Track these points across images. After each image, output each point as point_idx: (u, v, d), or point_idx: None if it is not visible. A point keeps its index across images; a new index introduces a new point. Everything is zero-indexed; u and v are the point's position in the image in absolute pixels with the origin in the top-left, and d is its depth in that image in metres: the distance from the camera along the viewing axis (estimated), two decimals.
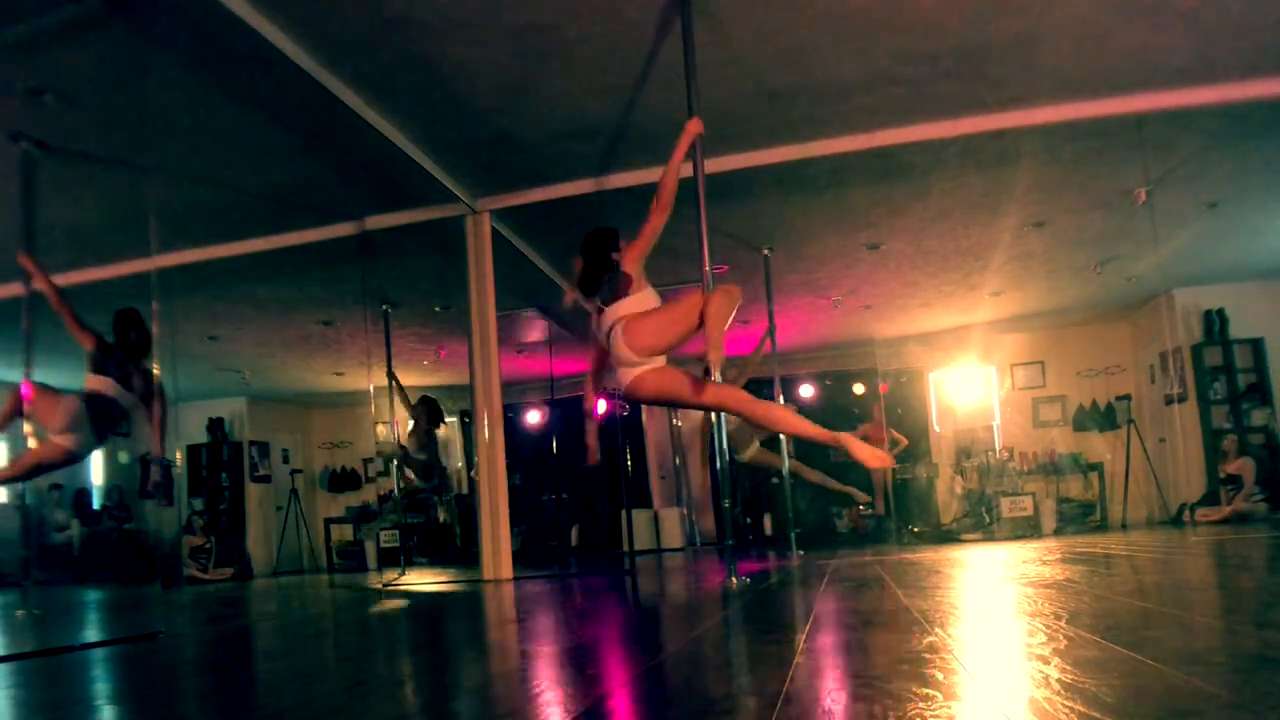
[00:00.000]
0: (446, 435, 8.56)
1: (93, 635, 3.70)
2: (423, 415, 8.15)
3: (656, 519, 10.60)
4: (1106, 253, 7.81)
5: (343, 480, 12.48)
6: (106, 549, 9.55)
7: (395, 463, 8.51)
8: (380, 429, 8.66)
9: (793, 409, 4.04)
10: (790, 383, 10.49)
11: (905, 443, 9.72)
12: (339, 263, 6.84)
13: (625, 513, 9.32)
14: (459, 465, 11.60)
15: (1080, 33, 4.45)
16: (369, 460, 12.15)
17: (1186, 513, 8.50)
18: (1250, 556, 4.10)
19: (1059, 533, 8.53)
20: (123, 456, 10.79)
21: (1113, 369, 10.33)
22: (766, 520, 10.97)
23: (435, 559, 10.59)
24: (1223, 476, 8.39)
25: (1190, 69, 4.87)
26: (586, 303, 3.58)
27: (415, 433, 8.15)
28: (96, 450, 4.53)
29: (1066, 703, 1.18)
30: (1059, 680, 1.33)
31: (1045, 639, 1.75)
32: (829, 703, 1.30)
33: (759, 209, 6.39)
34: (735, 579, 3.88)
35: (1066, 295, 9.19)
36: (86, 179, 5.19)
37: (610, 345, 3.43)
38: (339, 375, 10.46)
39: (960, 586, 3.35)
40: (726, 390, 3.50)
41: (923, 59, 4.60)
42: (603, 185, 5.78)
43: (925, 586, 3.27)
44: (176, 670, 2.48)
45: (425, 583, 6.31)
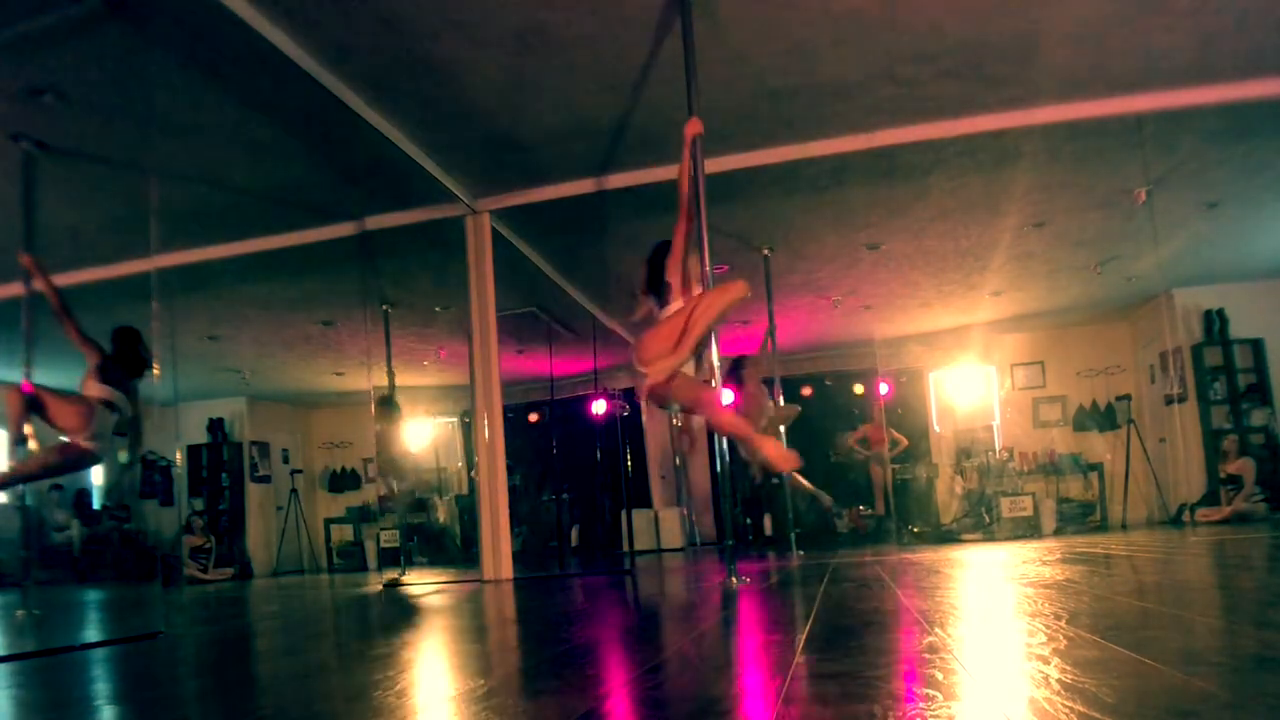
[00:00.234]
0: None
1: (93, 635, 3.70)
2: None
3: (656, 519, 10.60)
4: (1106, 253, 7.81)
5: (343, 480, 12.48)
6: (106, 549, 9.55)
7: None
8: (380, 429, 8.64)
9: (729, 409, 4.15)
10: (790, 383, 10.48)
11: (905, 443, 9.72)
12: (339, 263, 6.85)
13: (625, 513, 9.32)
14: (459, 465, 11.61)
15: (1080, 33, 4.46)
16: (369, 460, 12.14)
17: (1186, 513, 8.49)
18: (1250, 556, 4.10)
19: (1059, 533, 8.53)
20: (123, 457, 10.80)
21: (1113, 369, 10.33)
22: (766, 520, 10.96)
23: (435, 559, 10.60)
24: (1223, 476, 8.39)
25: (1190, 69, 4.87)
26: (656, 311, 3.75)
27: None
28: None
29: (1066, 703, 1.18)
30: (1059, 680, 1.33)
31: (1045, 639, 1.75)
32: (829, 703, 1.30)
33: (759, 209, 6.39)
34: (735, 579, 3.88)
35: (1066, 295, 9.19)
36: (86, 179, 5.19)
37: None
38: (339, 375, 10.46)
39: (960, 586, 3.35)
40: (692, 392, 3.61)
41: (923, 59, 4.60)
42: (603, 185, 5.78)
43: (925, 586, 3.27)
44: (176, 670, 2.48)
45: (425, 583, 6.31)
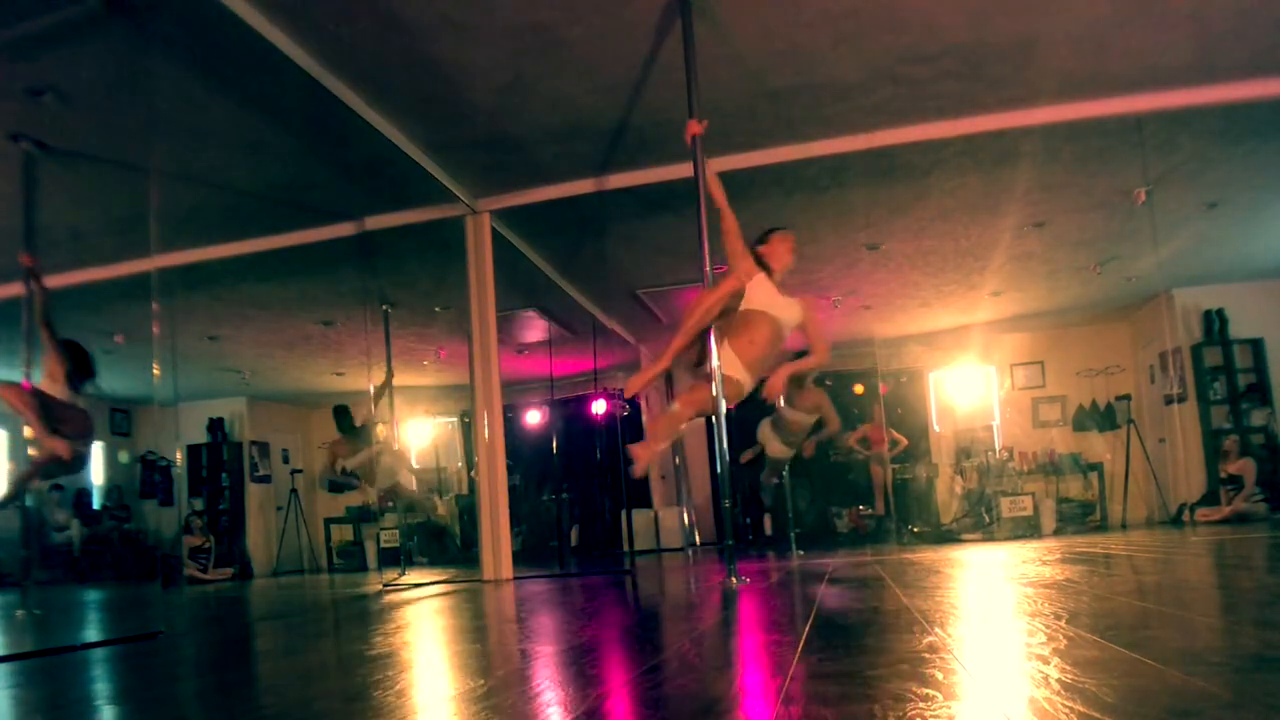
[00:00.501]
0: None
1: (93, 635, 3.70)
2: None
3: (656, 519, 10.60)
4: (1106, 253, 7.81)
5: (345, 480, 12.46)
6: (106, 549, 9.56)
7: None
8: (380, 429, 8.64)
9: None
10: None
11: (905, 443, 9.72)
12: (339, 263, 6.85)
13: (625, 513, 9.32)
14: (459, 465, 11.61)
15: (1080, 33, 4.46)
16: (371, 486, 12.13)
17: (1186, 513, 8.50)
18: (1250, 556, 4.10)
19: (1059, 533, 8.53)
20: (123, 457, 10.80)
21: (1112, 369, 10.33)
22: (766, 520, 10.97)
23: (435, 559, 10.60)
24: (1223, 476, 8.39)
25: (1190, 69, 4.87)
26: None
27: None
28: None
29: (1066, 703, 1.18)
30: (1059, 680, 1.33)
31: (1045, 639, 1.75)
32: (829, 703, 1.30)
33: (759, 209, 6.39)
34: (735, 579, 3.88)
35: (1066, 295, 9.19)
36: (86, 179, 5.19)
37: None
38: (339, 375, 10.46)
39: (960, 586, 3.35)
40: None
41: (923, 59, 4.60)
42: (603, 185, 5.78)
43: (925, 586, 3.27)
44: (176, 670, 2.48)
45: (425, 583, 6.31)
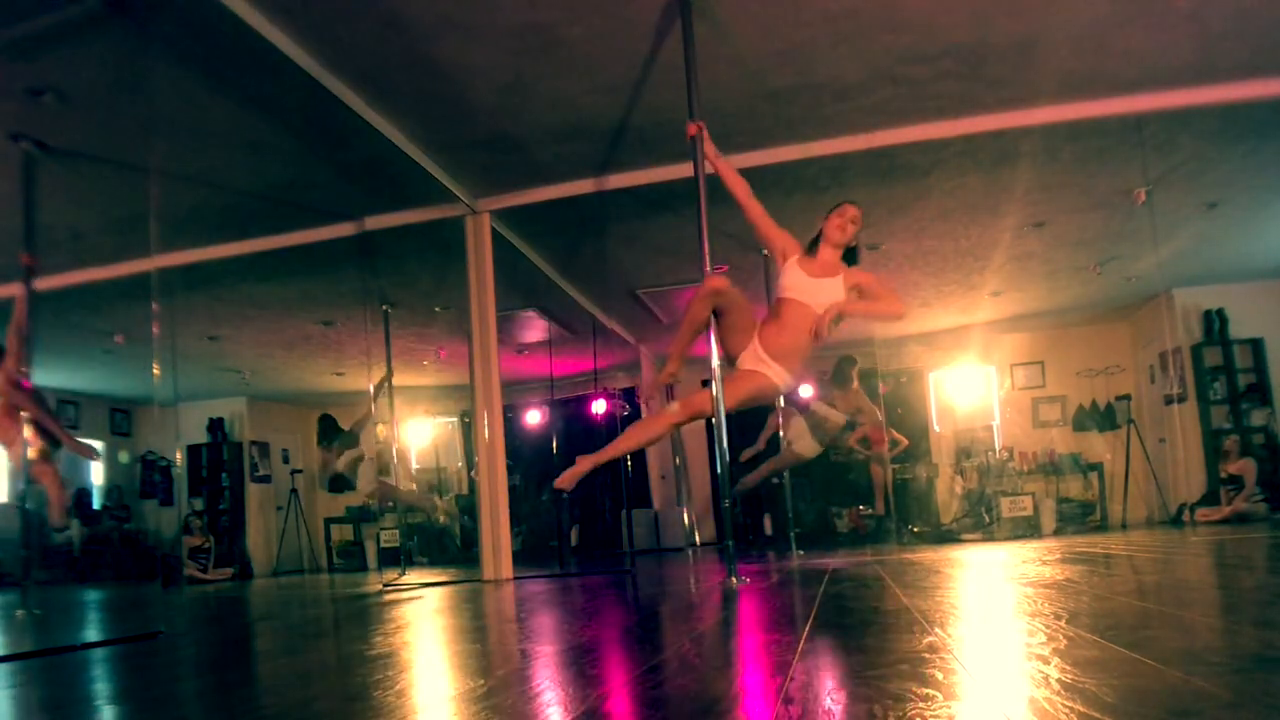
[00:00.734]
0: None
1: (93, 635, 3.70)
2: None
3: (656, 519, 10.60)
4: (1106, 253, 7.81)
5: (343, 480, 12.47)
6: (106, 549, 9.55)
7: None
8: (380, 429, 8.65)
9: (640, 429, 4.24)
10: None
11: (905, 443, 9.71)
12: (339, 263, 6.85)
13: (625, 513, 9.32)
14: (459, 465, 11.60)
15: (1080, 33, 4.46)
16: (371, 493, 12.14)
17: (1186, 513, 8.50)
18: (1250, 556, 4.10)
19: (1059, 533, 8.53)
20: (123, 457, 10.80)
21: (1112, 369, 10.33)
22: (766, 520, 10.96)
23: (435, 559, 10.60)
24: (1224, 476, 8.39)
25: (1190, 69, 4.87)
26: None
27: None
28: None
29: (1066, 703, 1.18)
30: (1059, 680, 1.33)
31: (1045, 639, 1.75)
32: (829, 703, 1.30)
33: None
34: (735, 579, 3.88)
35: (1066, 295, 9.19)
36: (86, 179, 5.19)
37: None
38: (339, 375, 10.46)
39: (960, 586, 3.35)
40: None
41: (923, 59, 4.60)
42: (603, 185, 5.78)
43: (925, 586, 3.27)
44: (176, 670, 2.48)
45: (425, 582, 6.31)
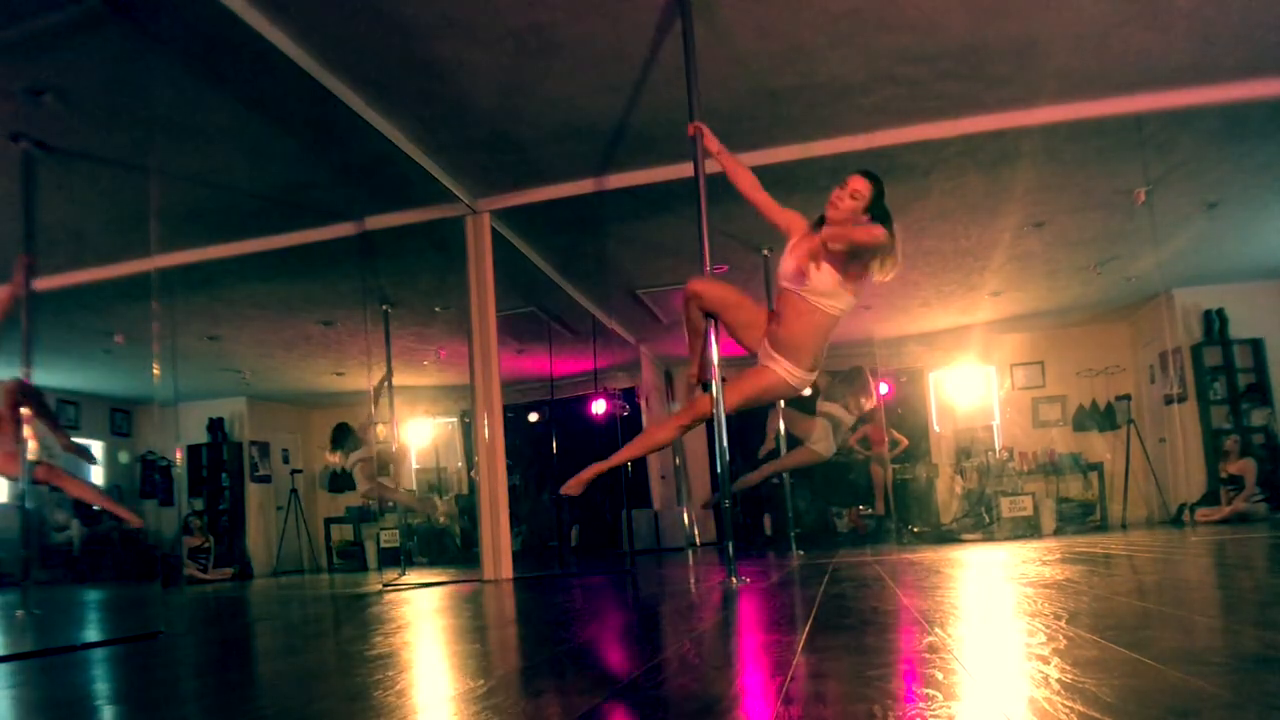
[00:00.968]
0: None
1: (93, 635, 3.70)
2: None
3: (656, 519, 10.60)
4: (1106, 253, 7.81)
5: (343, 480, 12.48)
6: (106, 549, 9.55)
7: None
8: (380, 429, 8.65)
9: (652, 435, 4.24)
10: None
11: (905, 443, 9.72)
12: (339, 263, 6.85)
13: (625, 513, 9.32)
14: (459, 465, 11.61)
15: (1080, 33, 4.46)
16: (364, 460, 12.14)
17: (1186, 513, 8.50)
18: (1250, 556, 4.10)
19: (1059, 533, 8.53)
20: (123, 457, 10.80)
21: (1112, 369, 10.33)
22: (766, 520, 10.97)
23: (435, 559, 10.60)
24: (1224, 476, 8.39)
25: (1190, 69, 4.87)
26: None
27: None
28: None
29: (1066, 703, 1.18)
30: (1059, 680, 1.33)
31: (1045, 639, 1.75)
32: (829, 703, 1.30)
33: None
34: (735, 579, 3.88)
35: (1066, 295, 9.19)
36: (86, 179, 5.19)
37: None
38: (339, 375, 10.46)
39: (960, 586, 3.35)
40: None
41: (923, 59, 4.60)
42: (603, 185, 5.78)
43: (925, 586, 3.27)
44: (176, 670, 2.48)
45: (425, 583, 6.31)
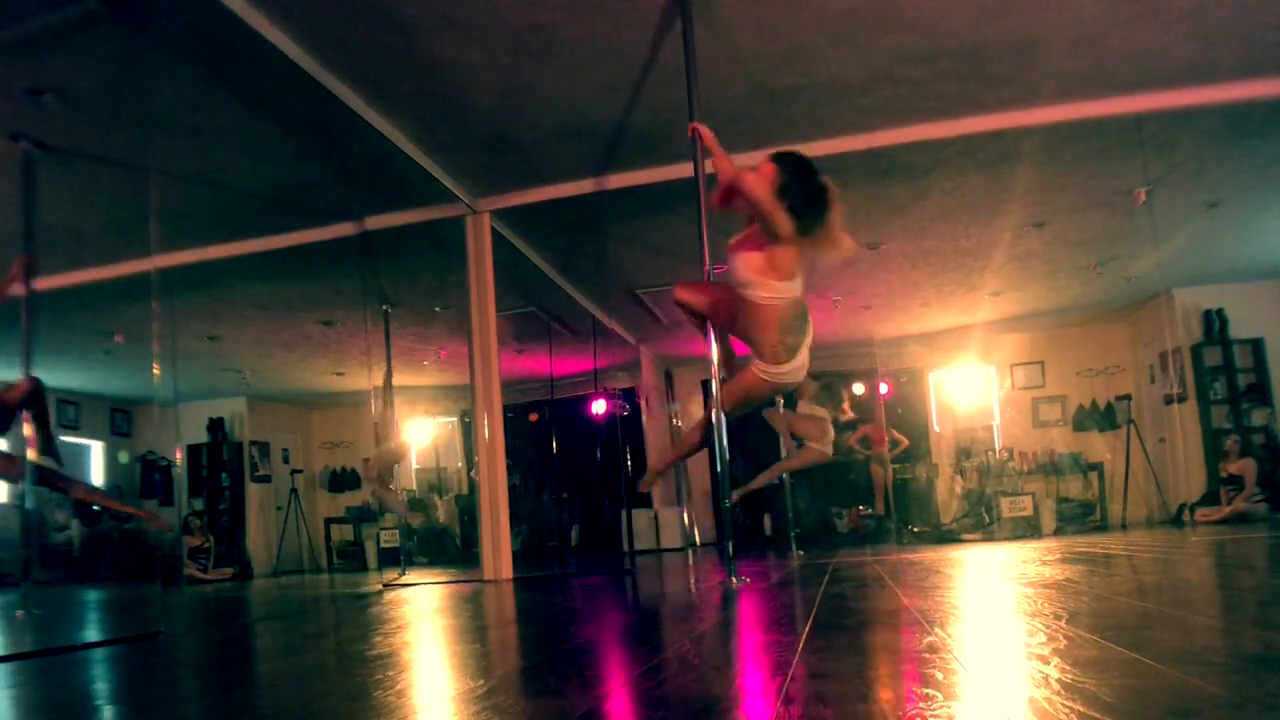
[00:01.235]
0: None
1: (93, 635, 3.70)
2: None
3: (656, 519, 10.60)
4: (1106, 253, 7.81)
5: (343, 480, 12.49)
6: (106, 549, 9.56)
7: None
8: (380, 429, 8.64)
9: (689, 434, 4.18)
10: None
11: (905, 443, 9.72)
12: (339, 263, 6.85)
13: (625, 513, 9.32)
14: (459, 465, 11.61)
15: (1080, 33, 4.46)
16: (368, 460, 12.14)
17: (1186, 513, 8.50)
18: (1250, 556, 4.10)
19: (1059, 533, 8.53)
20: (123, 457, 10.80)
21: (1112, 369, 10.33)
22: (766, 520, 10.97)
23: (435, 559, 10.60)
24: (1224, 476, 8.39)
25: (1190, 69, 4.87)
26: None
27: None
28: None
29: (1066, 703, 1.18)
30: (1059, 680, 1.33)
31: (1045, 639, 1.75)
32: (829, 703, 1.30)
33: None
34: (735, 579, 3.88)
35: (1066, 295, 9.19)
36: (86, 179, 5.19)
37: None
38: (339, 375, 10.46)
39: (960, 586, 3.35)
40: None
41: (923, 59, 4.60)
42: (602, 185, 5.78)
43: (925, 586, 3.27)
44: (176, 670, 2.48)
45: (425, 582, 6.31)
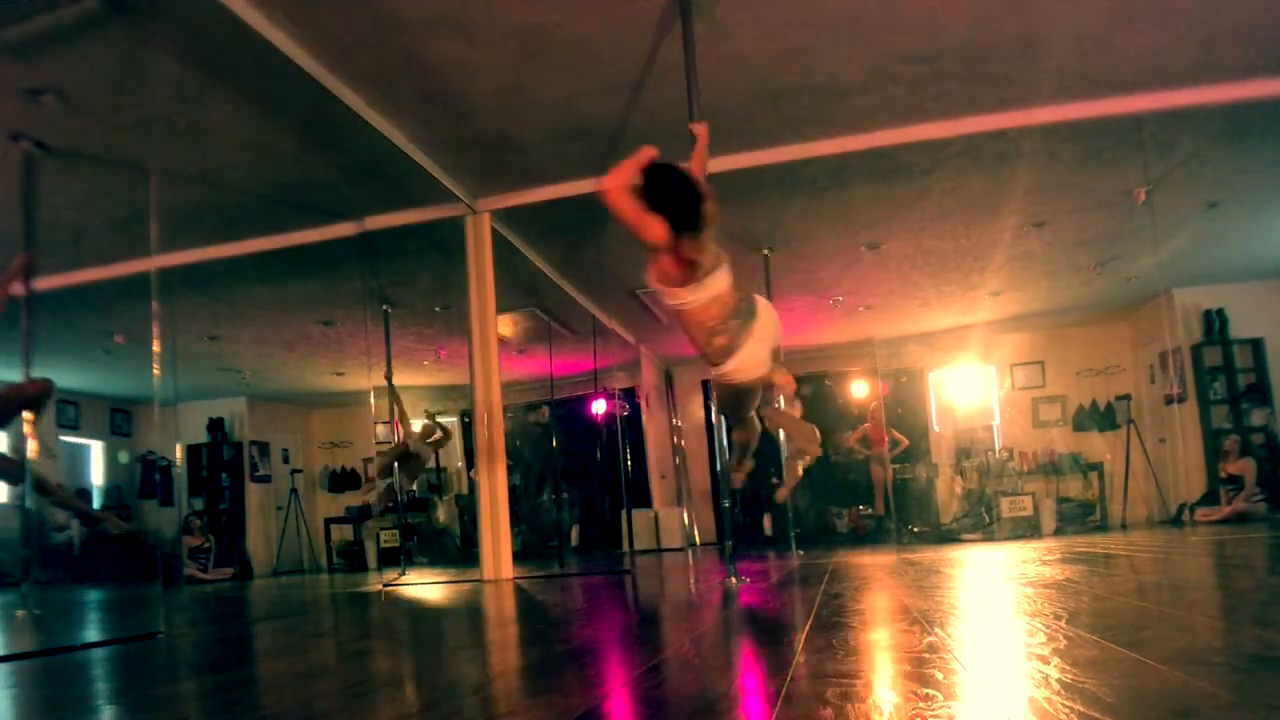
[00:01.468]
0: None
1: (93, 635, 3.70)
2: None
3: (656, 519, 10.60)
4: (1106, 253, 7.81)
5: (343, 480, 12.48)
6: (106, 549, 9.55)
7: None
8: (380, 429, 8.65)
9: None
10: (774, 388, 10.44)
11: (905, 443, 9.72)
12: (339, 263, 6.85)
13: (625, 513, 9.32)
14: (459, 465, 11.61)
15: (1080, 33, 4.46)
16: (369, 460, 12.15)
17: (1186, 513, 8.50)
18: (1250, 556, 4.10)
19: (1059, 533, 8.53)
20: (123, 457, 10.80)
21: (1112, 369, 10.32)
22: (766, 520, 10.96)
23: (435, 559, 10.60)
24: (1223, 476, 8.39)
25: (1190, 69, 4.87)
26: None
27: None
28: None
29: (1066, 703, 1.18)
30: (1059, 680, 1.33)
31: (1045, 639, 1.75)
32: (829, 703, 1.30)
33: (759, 209, 6.38)
34: (735, 579, 3.88)
35: (1066, 295, 9.19)
36: (86, 179, 5.19)
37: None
38: (339, 375, 10.46)
39: (960, 586, 3.35)
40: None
41: (923, 59, 4.60)
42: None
43: (925, 586, 3.27)
44: (176, 670, 2.48)
45: (425, 582, 6.31)
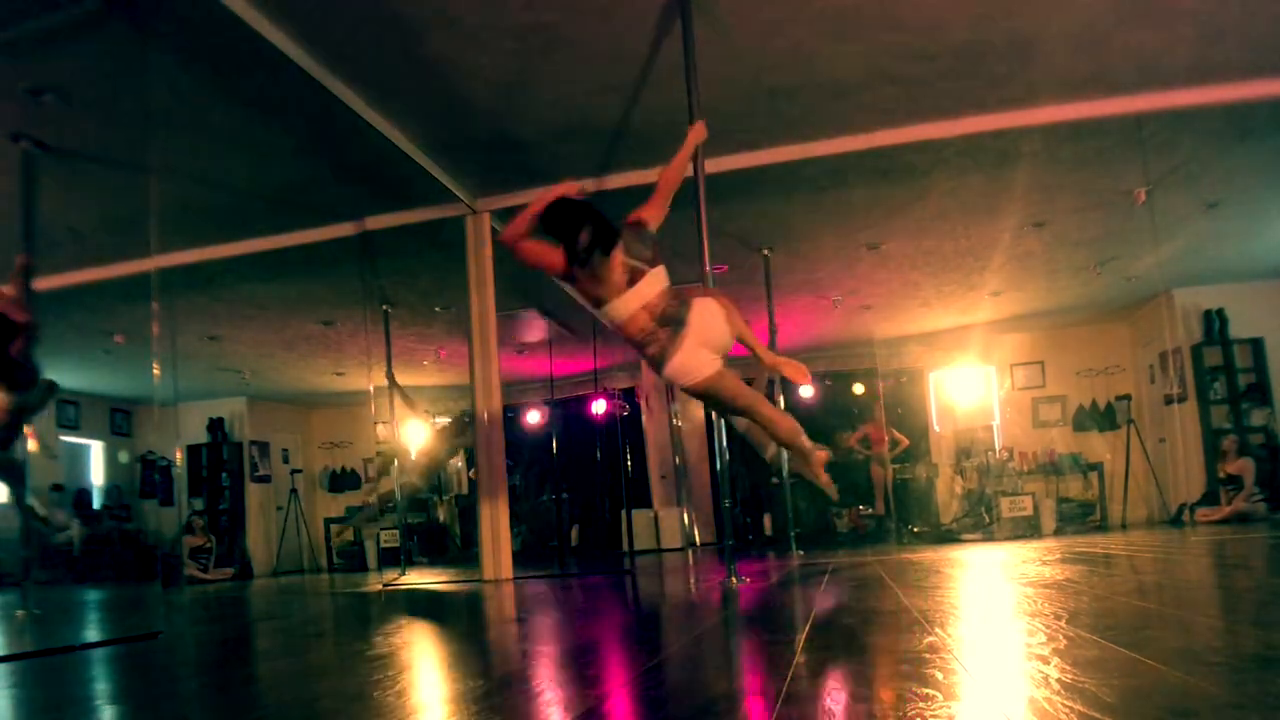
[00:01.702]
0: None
1: (93, 635, 3.70)
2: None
3: (656, 519, 10.60)
4: (1106, 253, 7.81)
5: (343, 480, 12.49)
6: (106, 549, 9.55)
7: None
8: (380, 429, 8.64)
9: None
10: (790, 383, 10.45)
11: (905, 443, 9.72)
12: (339, 263, 6.85)
13: (625, 513, 9.32)
14: (459, 465, 11.60)
15: (1080, 33, 4.46)
16: (369, 460, 12.15)
17: (1186, 513, 8.49)
18: (1250, 556, 4.10)
19: (1059, 533, 8.53)
20: (123, 457, 10.79)
21: (1112, 369, 10.32)
22: (766, 520, 10.96)
23: (435, 559, 10.60)
24: (1223, 476, 8.39)
25: (1190, 69, 4.87)
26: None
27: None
28: None
29: (1066, 703, 1.18)
30: (1059, 680, 1.33)
31: (1045, 639, 1.75)
32: (829, 703, 1.30)
33: (759, 209, 6.38)
34: (735, 579, 3.88)
35: (1066, 295, 9.19)
36: (86, 179, 5.19)
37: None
38: (339, 375, 10.46)
39: (960, 586, 3.35)
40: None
41: (923, 59, 4.60)
42: (602, 185, 5.78)
43: (925, 586, 3.27)
44: (176, 670, 2.48)
45: (425, 582, 6.31)
